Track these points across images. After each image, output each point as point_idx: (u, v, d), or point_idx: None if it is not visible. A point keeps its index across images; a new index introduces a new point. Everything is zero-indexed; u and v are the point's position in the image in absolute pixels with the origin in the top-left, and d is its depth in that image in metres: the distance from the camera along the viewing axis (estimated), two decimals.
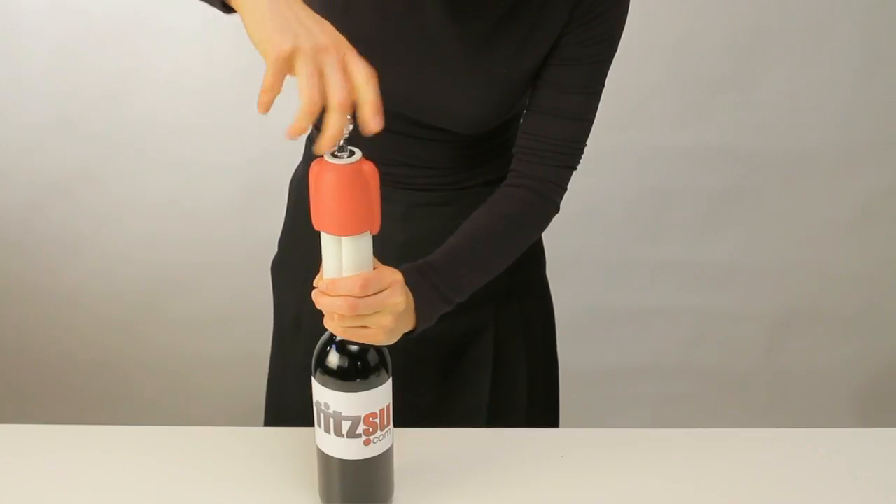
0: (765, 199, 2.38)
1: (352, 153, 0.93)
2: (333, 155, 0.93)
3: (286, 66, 0.89)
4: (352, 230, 0.96)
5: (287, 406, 1.45)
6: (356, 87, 0.90)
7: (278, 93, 0.90)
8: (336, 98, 0.89)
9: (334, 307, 0.98)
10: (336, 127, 0.89)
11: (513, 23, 1.16)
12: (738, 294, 2.47)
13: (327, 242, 0.98)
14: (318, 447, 1.06)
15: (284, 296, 1.45)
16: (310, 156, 1.36)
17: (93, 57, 2.21)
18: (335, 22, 1.18)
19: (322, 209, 0.95)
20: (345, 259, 0.98)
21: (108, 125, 2.26)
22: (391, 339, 1.03)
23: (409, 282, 1.06)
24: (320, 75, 0.89)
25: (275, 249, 1.48)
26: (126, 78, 2.23)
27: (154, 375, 2.46)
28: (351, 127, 0.92)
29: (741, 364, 2.53)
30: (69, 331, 2.43)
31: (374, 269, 1.01)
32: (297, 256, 1.41)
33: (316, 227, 0.97)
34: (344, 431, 1.01)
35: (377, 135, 1.25)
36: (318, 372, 1.02)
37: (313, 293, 1.00)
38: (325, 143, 0.90)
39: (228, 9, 0.97)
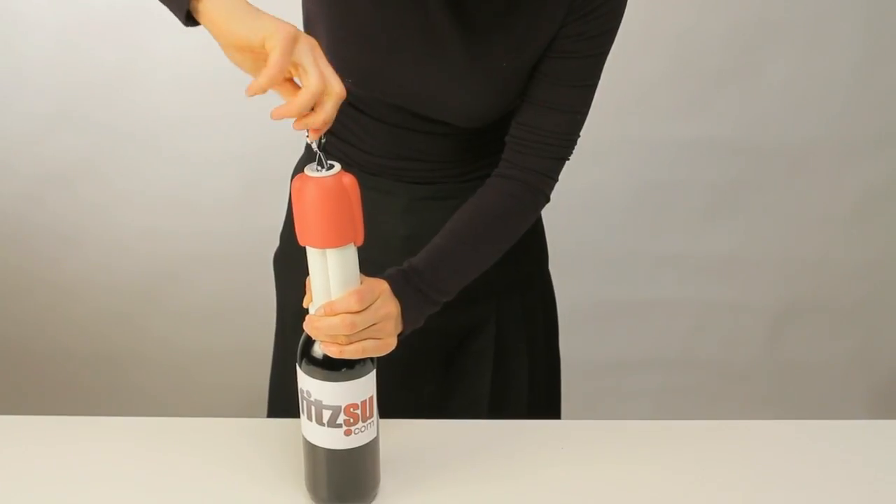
0: (766, 192, 2.38)
1: (331, 166, 0.95)
2: (314, 169, 0.95)
3: (292, 48, 0.89)
4: (336, 242, 0.97)
5: (290, 398, 1.45)
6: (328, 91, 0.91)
7: (279, 79, 0.90)
8: (315, 88, 0.90)
9: (334, 328, 0.99)
10: (305, 107, 0.90)
11: (512, 17, 1.15)
12: (739, 286, 2.46)
13: (313, 257, 0.99)
14: (303, 436, 1.06)
15: (286, 288, 1.45)
16: (311, 148, 1.35)
17: (94, 49, 2.21)
18: (335, 16, 1.18)
19: (305, 224, 0.97)
20: (331, 272, 0.99)
21: (109, 117, 2.26)
22: (393, 345, 1.05)
23: (395, 288, 1.08)
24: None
25: (275, 241, 1.47)
26: (127, 70, 2.23)
27: (153, 367, 2.46)
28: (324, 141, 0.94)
29: (742, 356, 2.53)
30: (69, 322, 2.44)
31: (361, 282, 1.02)
32: (299, 249, 1.40)
33: (301, 243, 0.98)
34: (325, 420, 1.02)
35: (379, 128, 1.26)
36: (302, 361, 1.03)
37: (306, 326, 1.02)
38: (283, 113, 0.91)
39: (191, 20, 0.95)
